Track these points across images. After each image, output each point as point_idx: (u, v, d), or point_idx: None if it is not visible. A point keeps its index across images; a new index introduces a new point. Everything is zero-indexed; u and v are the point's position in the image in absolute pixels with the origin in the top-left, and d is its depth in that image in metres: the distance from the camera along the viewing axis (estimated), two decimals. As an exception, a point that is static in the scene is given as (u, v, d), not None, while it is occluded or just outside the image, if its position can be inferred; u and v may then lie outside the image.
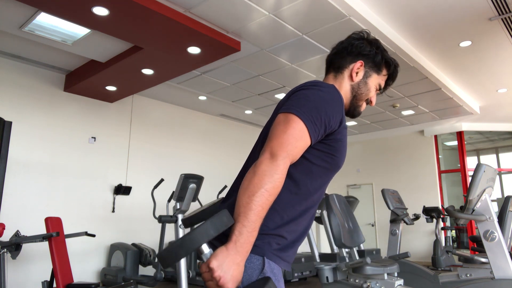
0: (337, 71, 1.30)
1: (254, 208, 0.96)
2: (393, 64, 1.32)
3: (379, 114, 7.82)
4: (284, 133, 1.03)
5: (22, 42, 4.73)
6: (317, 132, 1.07)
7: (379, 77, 1.30)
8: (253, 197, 0.96)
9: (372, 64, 1.28)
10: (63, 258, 3.86)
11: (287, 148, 1.02)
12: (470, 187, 3.06)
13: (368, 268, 3.21)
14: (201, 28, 4.07)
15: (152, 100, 6.90)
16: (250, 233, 0.96)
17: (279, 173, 1.00)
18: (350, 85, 1.28)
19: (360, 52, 1.27)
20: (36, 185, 5.22)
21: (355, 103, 1.29)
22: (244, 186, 0.99)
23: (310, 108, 1.06)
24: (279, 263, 1.11)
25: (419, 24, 4.55)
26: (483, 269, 3.52)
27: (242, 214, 0.96)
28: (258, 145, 1.19)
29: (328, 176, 1.20)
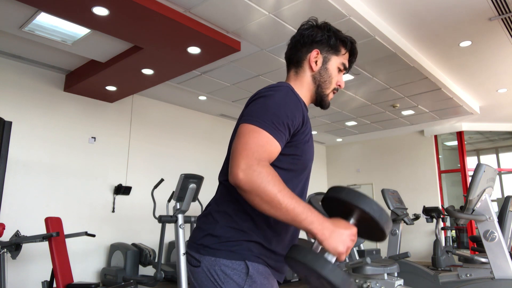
0: (297, 66, 1.29)
1: (292, 207, 0.96)
2: (349, 41, 1.30)
3: (379, 114, 7.82)
4: (246, 144, 1.01)
5: (22, 42, 4.73)
6: (283, 136, 1.06)
7: (339, 57, 1.29)
8: (282, 205, 0.96)
9: (328, 48, 1.27)
10: (63, 258, 3.86)
11: (254, 155, 0.99)
12: (470, 187, 3.06)
13: (368, 268, 3.21)
14: (201, 28, 4.07)
15: (152, 100, 6.90)
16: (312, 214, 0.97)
17: (268, 173, 0.98)
18: (311, 75, 1.27)
19: (313, 40, 1.26)
20: (36, 185, 5.22)
21: (320, 92, 1.28)
22: (266, 208, 0.98)
23: (270, 116, 1.05)
24: (264, 264, 1.10)
25: (419, 24, 4.55)
26: (483, 269, 3.52)
27: (295, 217, 0.97)
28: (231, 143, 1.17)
29: (297, 179, 1.18)
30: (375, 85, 6.16)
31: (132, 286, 4.09)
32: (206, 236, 1.11)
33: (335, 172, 10.51)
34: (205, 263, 1.08)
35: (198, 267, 1.10)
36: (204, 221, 1.16)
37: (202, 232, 1.14)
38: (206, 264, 1.08)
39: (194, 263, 1.12)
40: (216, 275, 1.06)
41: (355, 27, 4.23)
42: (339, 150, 10.41)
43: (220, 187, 1.21)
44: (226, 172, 1.17)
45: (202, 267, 1.09)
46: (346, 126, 8.73)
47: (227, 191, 1.16)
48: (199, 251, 1.11)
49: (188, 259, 1.15)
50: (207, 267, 1.08)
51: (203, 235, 1.13)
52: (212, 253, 1.08)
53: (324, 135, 9.59)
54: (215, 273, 1.06)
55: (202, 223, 1.17)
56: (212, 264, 1.07)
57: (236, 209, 1.12)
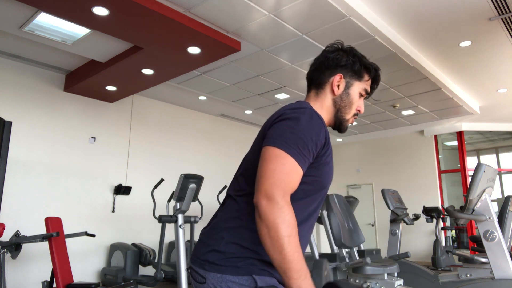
0: (318, 87, 1.29)
1: (292, 259, 0.96)
2: (373, 68, 1.31)
3: (379, 114, 7.82)
4: (274, 172, 1.01)
5: (22, 42, 4.73)
6: (306, 161, 1.07)
7: (361, 83, 1.29)
8: (283, 251, 0.96)
9: (352, 73, 1.27)
10: (63, 258, 3.86)
11: (281, 185, 1.00)
12: (470, 187, 3.06)
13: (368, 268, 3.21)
14: (201, 28, 4.07)
15: (152, 100, 6.90)
16: (305, 278, 0.97)
17: (287, 213, 0.98)
18: (332, 99, 1.27)
19: (338, 64, 1.26)
20: (36, 185, 5.22)
21: (340, 116, 1.29)
22: (267, 244, 0.98)
23: (296, 140, 1.05)
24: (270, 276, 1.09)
25: (419, 24, 4.55)
26: (483, 269, 3.52)
27: (287, 270, 0.96)
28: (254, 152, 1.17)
29: (314, 197, 1.18)
30: (375, 85, 6.16)
31: (132, 286, 4.09)
32: (211, 252, 1.10)
33: (335, 172, 10.37)
34: (211, 279, 1.07)
35: (204, 284, 1.08)
36: (208, 236, 1.15)
37: (206, 248, 1.12)
38: (212, 281, 1.07)
39: (199, 279, 1.10)
40: None
41: (355, 27, 4.23)
42: (339, 150, 10.41)
43: (228, 201, 1.19)
44: (237, 188, 1.17)
45: (208, 283, 1.07)
46: (346, 126, 8.72)
47: (236, 206, 1.15)
48: (204, 267, 1.09)
49: (193, 275, 1.13)
50: (213, 284, 1.06)
51: (207, 251, 1.11)
52: (217, 269, 1.06)
53: (324, 135, 9.58)
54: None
55: (207, 237, 1.15)
56: (218, 281, 1.05)
57: (242, 226, 1.10)
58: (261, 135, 1.16)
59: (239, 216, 1.12)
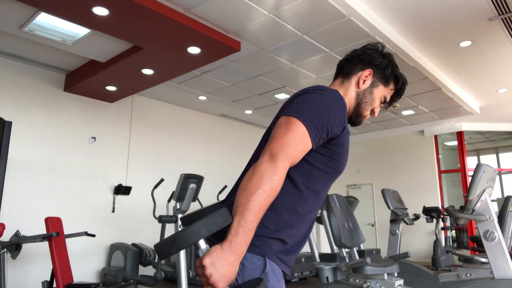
0: (345, 77, 1.30)
1: (251, 208, 0.96)
2: (402, 80, 1.32)
3: (379, 114, 7.80)
4: (285, 135, 1.04)
5: (22, 42, 4.73)
6: (318, 136, 1.08)
7: (385, 89, 1.31)
8: (251, 197, 0.96)
9: (381, 75, 1.29)
10: (63, 258, 3.86)
11: (287, 150, 1.02)
12: (470, 187, 3.06)
13: (368, 268, 3.21)
14: (201, 28, 4.07)
15: (152, 100, 6.90)
16: (246, 234, 0.96)
17: (278, 175, 1.00)
18: (355, 91, 1.28)
19: (372, 61, 1.28)
20: (36, 185, 5.22)
21: (358, 110, 1.30)
22: (243, 186, 0.99)
23: (313, 112, 1.06)
24: (279, 264, 1.11)
25: (419, 24, 4.55)
26: (483, 269, 3.52)
27: (239, 213, 0.97)
28: (260, 148, 1.20)
29: (329, 180, 1.20)
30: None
31: (132, 286, 4.09)
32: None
33: (335, 172, 10.50)
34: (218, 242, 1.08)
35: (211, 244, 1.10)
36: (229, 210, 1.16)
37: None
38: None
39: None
40: None
41: (355, 27, 4.23)
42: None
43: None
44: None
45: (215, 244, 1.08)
46: (346, 126, 8.73)
47: None
48: (221, 238, 1.08)
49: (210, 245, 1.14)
50: None
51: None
52: None
53: (324, 135, 9.58)
54: None
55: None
56: None
57: None
58: (278, 115, 1.17)
59: None
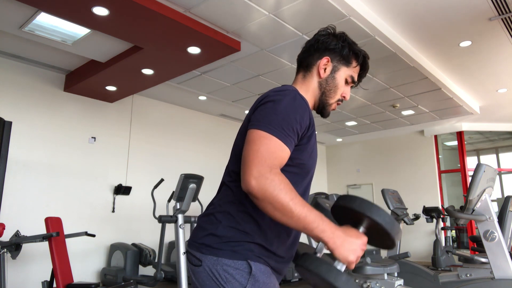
0: (306, 70, 1.30)
1: (304, 215, 0.97)
2: (362, 55, 1.31)
3: (379, 114, 7.82)
4: (258, 152, 1.02)
5: (22, 42, 4.73)
6: (292, 141, 1.08)
7: (349, 69, 1.29)
8: (294, 214, 0.97)
9: (340, 58, 1.27)
10: (63, 258, 3.86)
11: (266, 163, 1.01)
12: (470, 187, 3.06)
13: (368, 268, 3.21)
14: (201, 28, 4.07)
15: (152, 100, 6.90)
16: (323, 222, 0.98)
17: (280, 181, 0.99)
18: (318, 81, 1.28)
19: (327, 47, 1.27)
20: (36, 185, 5.22)
21: (324, 100, 1.28)
22: (278, 216, 0.99)
23: (280, 121, 1.06)
24: (265, 264, 1.10)
25: (419, 24, 4.55)
26: (483, 269, 3.52)
27: (306, 225, 0.97)
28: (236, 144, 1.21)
29: (301, 181, 1.18)
30: (375, 85, 6.16)
31: (132, 286, 4.09)
32: (208, 235, 1.11)
33: (335, 172, 10.51)
34: (207, 262, 1.08)
35: (199, 267, 1.10)
36: (205, 221, 1.16)
37: (203, 232, 1.14)
38: (208, 263, 1.08)
39: (195, 262, 1.12)
40: (218, 275, 1.06)
41: (355, 27, 4.23)
42: (339, 150, 10.41)
43: (223, 188, 1.21)
44: (230, 174, 1.18)
45: (203, 266, 1.09)
46: (346, 126, 8.74)
47: (230, 192, 1.16)
48: (201, 250, 1.11)
49: (189, 258, 1.15)
50: (208, 267, 1.08)
51: (204, 235, 1.13)
52: (214, 252, 1.08)
53: (324, 135, 9.59)
54: (217, 273, 1.06)
55: (204, 222, 1.17)
56: (214, 264, 1.07)
57: (238, 210, 1.12)
58: (247, 120, 1.17)
59: (234, 201, 1.13)
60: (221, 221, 1.12)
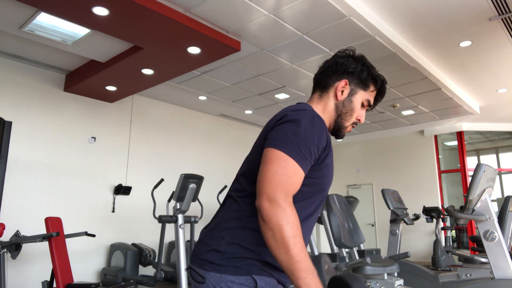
0: (323, 90, 1.29)
1: (298, 259, 0.96)
2: (380, 80, 1.30)
3: (379, 114, 7.82)
4: (276, 174, 1.02)
5: (22, 42, 4.73)
6: (308, 164, 1.07)
7: (366, 93, 1.29)
8: (289, 251, 0.96)
9: (358, 81, 1.27)
10: (63, 258, 3.86)
11: (283, 188, 1.00)
12: (470, 187, 3.06)
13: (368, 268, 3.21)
14: (201, 28, 4.07)
15: (152, 100, 6.90)
16: (312, 279, 0.97)
17: (291, 214, 0.99)
18: (334, 103, 1.27)
19: (346, 70, 1.26)
20: (36, 185, 5.22)
21: (339, 122, 1.28)
22: (273, 247, 0.98)
23: (298, 142, 1.05)
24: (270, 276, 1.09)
25: (419, 24, 4.55)
26: (483, 269, 3.52)
27: (294, 271, 0.96)
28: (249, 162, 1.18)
29: (313, 199, 1.18)
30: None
31: (132, 286, 4.09)
32: (211, 251, 1.10)
33: (335, 172, 10.35)
34: (210, 279, 1.07)
35: (203, 284, 1.08)
36: (208, 236, 1.15)
37: (206, 247, 1.12)
38: (211, 280, 1.07)
39: (198, 279, 1.10)
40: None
41: (355, 27, 4.23)
42: (339, 150, 10.41)
43: (229, 201, 1.19)
44: (238, 189, 1.17)
45: (207, 283, 1.07)
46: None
47: (236, 207, 1.15)
48: (203, 266, 1.09)
49: (192, 274, 1.13)
50: (212, 284, 1.06)
51: (207, 250, 1.11)
52: (217, 269, 1.07)
53: (324, 135, 9.57)
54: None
55: (207, 237, 1.15)
56: (218, 281, 1.06)
57: (243, 226, 1.11)
58: (263, 137, 1.16)
59: (240, 217, 1.12)
60: (224, 237, 1.10)
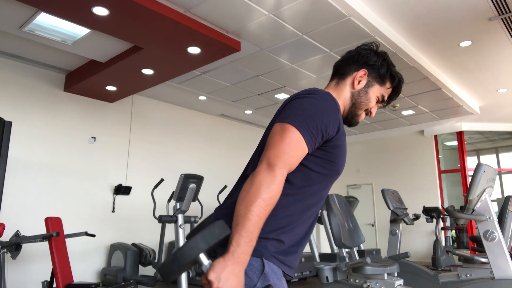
0: (340, 78, 1.31)
1: (251, 218, 0.97)
2: (398, 78, 1.32)
3: (379, 114, 7.82)
4: (281, 143, 1.04)
5: (22, 42, 4.73)
6: (313, 140, 1.08)
7: (381, 88, 1.31)
8: (250, 207, 0.97)
9: (376, 75, 1.29)
10: (63, 258, 3.86)
11: (284, 157, 1.03)
12: (470, 187, 3.06)
13: (368, 268, 3.21)
14: (201, 28, 4.07)
15: (152, 100, 6.90)
16: (248, 244, 0.97)
17: (276, 183, 1.01)
18: (350, 92, 1.29)
19: (366, 61, 1.28)
20: (36, 185, 5.22)
21: (353, 111, 1.30)
22: (242, 196, 1.00)
23: (306, 117, 1.07)
24: (278, 265, 1.11)
25: (419, 24, 4.55)
26: (483, 269, 3.52)
27: (240, 224, 0.97)
28: (256, 153, 1.20)
29: (328, 182, 1.20)
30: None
31: (132, 286, 4.09)
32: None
33: (335, 172, 10.51)
34: (221, 253, 1.06)
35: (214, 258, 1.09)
36: (224, 214, 1.15)
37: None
38: (221, 254, 1.07)
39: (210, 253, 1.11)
40: None
41: (355, 27, 4.23)
42: (339, 150, 10.40)
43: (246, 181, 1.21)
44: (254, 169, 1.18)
45: (217, 257, 1.07)
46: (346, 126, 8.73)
47: None
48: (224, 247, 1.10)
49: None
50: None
51: None
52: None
53: (324, 135, 9.58)
54: None
55: (223, 215, 1.16)
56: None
57: None
58: (273, 121, 1.18)
59: None
60: None
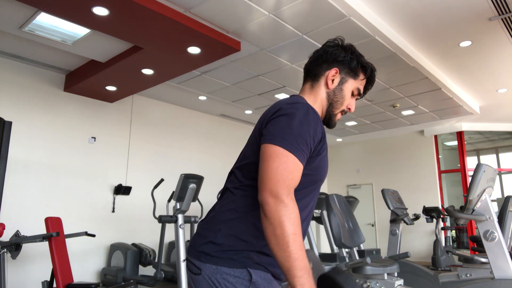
0: (314, 80, 1.30)
1: (296, 257, 0.96)
2: (370, 68, 1.32)
3: (379, 114, 7.82)
4: (277, 170, 1.02)
5: (22, 42, 4.73)
6: (305, 157, 1.08)
7: (356, 82, 1.31)
8: (288, 248, 0.96)
9: (348, 70, 1.29)
10: (63, 258, 3.86)
11: (285, 184, 1.01)
12: (470, 187, 3.06)
13: (368, 268, 3.21)
14: (201, 28, 4.07)
15: (152, 100, 6.90)
16: (308, 277, 0.97)
17: (293, 211, 0.99)
18: (326, 92, 1.29)
19: (335, 58, 1.28)
20: (36, 185, 5.22)
21: (330, 111, 1.30)
22: (272, 241, 0.98)
23: (296, 137, 1.06)
24: (266, 270, 1.10)
25: (419, 24, 4.55)
26: (483, 269, 3.52)
27: (291, 267, 0.96)
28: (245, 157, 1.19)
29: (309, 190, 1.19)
30: (375, 85, 6.16)
31: (132, 286, 4.09)
32: (207, 243, 1.11)
33: (335, 172, 10.50)
34: (206, 271, 1.08)
35: (199, 275, 1.09)
36: (206, 228, 1.16)
37: (203, 239, 1.13)
38: (207, 272, 1.08)
39: (194, 270, 1.11)
40: (218, 283, 1.05)
41: (355, 27, 4.23)
42: (339, 150, 10.41)
43: (226, 193, 1.20)
44: (234, 181, 1.18)
45: (203, 275, 1.08)
46: (346, 126, 8.74)
47: (233, 199, 1.16)
48: (200, 258, 1.10)
49: (189, 266, 1.14)
50: (208, 275, 1.07)
51: (203, 242, 1.12)
52: (213, 261, 1.08)
53: (324, 135, 9.58)
54: (216, 281, 1.06)
55: (204, 229, 1.16)
56: (213, 272, 1.07)
57: (240, 218, 1.11)
58: (258, 131, 1.17)
59: (237, 209, 1.13)
60: (221, 229, 1.11)
